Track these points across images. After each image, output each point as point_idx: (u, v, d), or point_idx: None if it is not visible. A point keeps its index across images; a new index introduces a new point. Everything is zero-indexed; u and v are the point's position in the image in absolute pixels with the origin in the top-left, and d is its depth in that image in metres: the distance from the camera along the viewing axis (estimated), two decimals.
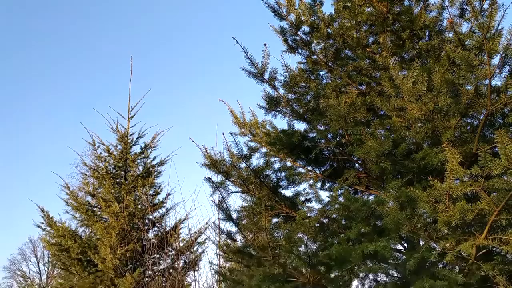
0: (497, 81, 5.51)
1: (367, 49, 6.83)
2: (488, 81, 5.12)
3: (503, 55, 5.02)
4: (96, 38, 26.14)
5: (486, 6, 5.78)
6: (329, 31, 6.74)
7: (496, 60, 5.47)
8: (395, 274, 6.14)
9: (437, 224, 4.96)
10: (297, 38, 6.69)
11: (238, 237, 6.23)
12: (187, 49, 26.45)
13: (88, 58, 26.19)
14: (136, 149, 12.26)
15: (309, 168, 7.01)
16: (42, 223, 11.44)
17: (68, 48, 26.74)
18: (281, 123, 10.84)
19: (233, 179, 6.68)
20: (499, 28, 5.24)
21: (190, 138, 6.62)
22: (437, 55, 6.19)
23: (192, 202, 15.03)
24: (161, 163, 12.20)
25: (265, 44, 5.87)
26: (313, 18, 6.86)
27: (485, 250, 5.23)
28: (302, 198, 6.67)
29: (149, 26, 26.67)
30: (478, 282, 5.46)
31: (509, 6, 5.29)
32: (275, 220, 6.75)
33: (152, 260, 10.85)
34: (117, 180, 11.98)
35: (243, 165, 6.35)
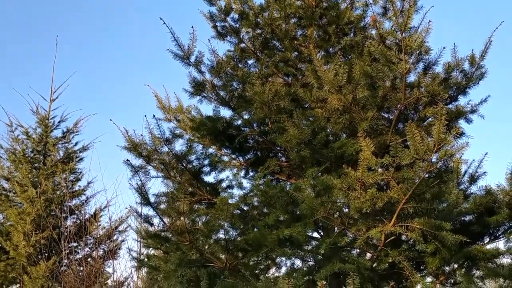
0: (412, 78, 5.82)
1: (295, 41, 6.96)
2: (404, 77, 5.37)
3: (418, 52, 5.29)
4: (20, 15, 24.59)
5: (407, 6, 6.07)
6: (259, 20, 6.78)
7: (413, 58, 5.79)
8: (311, 262, 6.32)
9: (349, 210, 5.15)
10: (226, 24, 6.69)
11: (156, 221, 6.13)
12: (116, 34, 25.67)
13: (10, 35, 24.57)
14: (57, 133, 11.72)
15: (233, 156, 7.04)
16: None
17: None
18: (207, 109, 10.72)
19: (155, 164, 6.55)
20: (419, 29, 5.55)
21: (111, 120, 6.42)
22: (360, 51, 6.41)
23: (114, 190, 14.49)
24: (84, 149, 11.74)
25: (192, 27, 5.82)
26: (243, 7, 6.89)
27: (393, 237, 5.49)
28: (224, 185, 6.68)
29: (77, 7, 25.54)
30: (386, 269, 5.74)
31: (429, 9, 5.62)
32: (197, 207, 6.72)
33: (69, 248, 10.44)
34: (35, 164, 11.40)
35: (165, 149, 6.25)
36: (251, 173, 7.13)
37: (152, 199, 5.92)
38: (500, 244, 5.77)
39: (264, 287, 4.56)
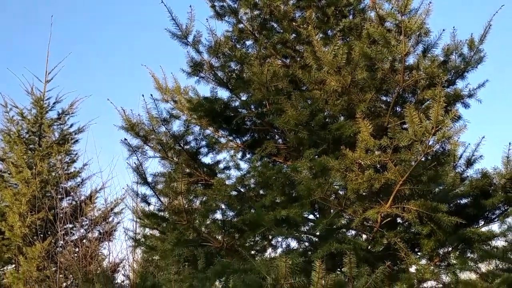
0: (411, 60, 5.82)
1: (294, 23, 6.92)
2: (403, 58, 5.35)
3: (417, 33, 5.27)
4: None
5: None
6: (257, 1, 6.73)
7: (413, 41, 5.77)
8: (307, 243, 6.36)
9: (346, 191, 5.17)
10: (225, 4, 6.64)
11: (153, 200, 6.13)
12: (113, 14, 25.38)
13: (4, 15, 24.21)
14: (52, 114, 11.68)
15: (230, 138, 7.02)
16: None
17: None
18: (204, 90, 10.67)
19: (152, 144, 6.54)
20: (419, 10, 5.53)
21: (108, 99, 6.40)
22: (359, 33, 6.38)
23: (110, 172, 14.43)
24: (79, 130, 11.71)
25: (190, 6, 5.78)
26: None
27: (389, 219, 5.53)
28: (221, 166, 6.69)
29: None
30: (381, 250, 5.79)
31: None
32: (194, 187, 6.72)
33: (65, 229, 10.45)
34: (30, 145, 11.36)
35: (162, 129, 6.24)
36: (248, 155, 7.13)
37: (149, 179, 5.92)
38: (495, 227, 5.83)
39: (261, 265, 4.59)
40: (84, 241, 10.58)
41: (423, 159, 5.00)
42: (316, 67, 5.82)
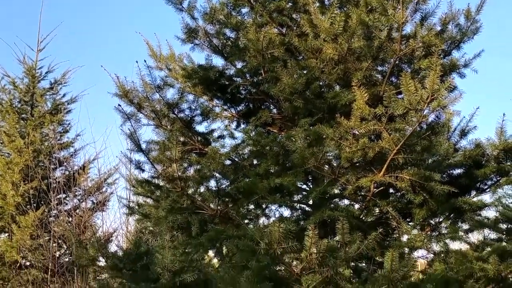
0: (408, 29, 5.76)
1: None
2: (400, 27, 5.30)
3: (415, 1, 5.22)
4: None
5: None
6: None
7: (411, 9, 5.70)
8: (300, 212, 6.40)
9: (340, 160, 5.18)
10: None
11: (147, 167, 6.12)
12: None
13: None
14: (44, 84, 11.57)
15: (225, 107, 6.98)
16: None
17: None
18: (199, 57, 10.49)
19: (146, 112, 6.50)
20: None
21: (101, 66, 6.33)
22: (356, 2, 6.29)
23: (103, 142, 14.42)
24: (72, 100, 11.64)
25: None
26: None
27: (382, 188, 5.57)
28: (215, 135, 6.67)
29: None
30: (374, 220, 5.84)
31: None
32: (188, 156, 6.70)
33: (58, 199, 10.46)
34: (23, 115, 11.27)
35: (156, 96, 6.19)
36: (242, 125, 7.10)
37: (143, 146, 5.90)
38: (486, 198, 5.88)
39: (255, 231, 4.62)
40: (78, 211, 10.61)
41: (417, 129, 5.00)
42: (313, 35, 5.75)
